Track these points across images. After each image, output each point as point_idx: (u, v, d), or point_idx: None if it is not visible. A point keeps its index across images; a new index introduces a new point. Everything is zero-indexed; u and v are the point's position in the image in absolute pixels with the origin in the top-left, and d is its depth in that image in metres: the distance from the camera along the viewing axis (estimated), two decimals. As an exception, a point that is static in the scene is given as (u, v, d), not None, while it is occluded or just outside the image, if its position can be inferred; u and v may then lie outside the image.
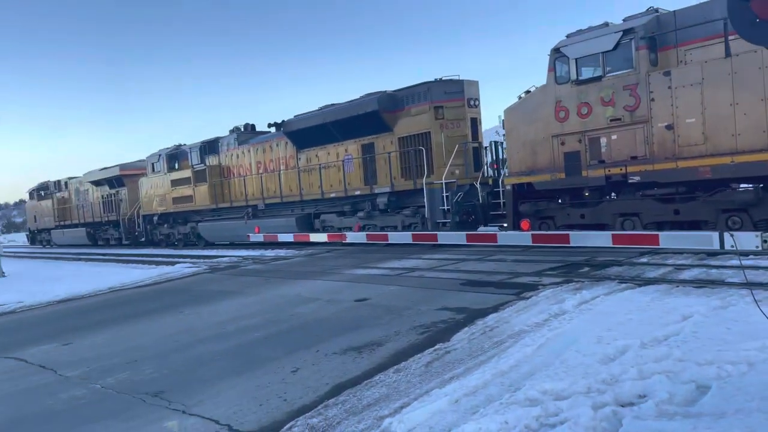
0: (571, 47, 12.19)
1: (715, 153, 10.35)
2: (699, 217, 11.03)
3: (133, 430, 4.63)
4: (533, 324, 6.32)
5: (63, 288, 14.01)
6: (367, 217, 17.71)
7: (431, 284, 9.72)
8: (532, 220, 13.42)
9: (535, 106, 13.06)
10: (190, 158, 25.00)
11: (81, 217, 34.24)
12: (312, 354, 6.22)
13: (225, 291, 11.42)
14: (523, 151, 13.34)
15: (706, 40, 10.68)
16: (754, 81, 9.85)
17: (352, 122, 17.48)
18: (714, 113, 10.33)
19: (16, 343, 8.52)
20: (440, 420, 4.11)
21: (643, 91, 11.23)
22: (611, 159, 11.78)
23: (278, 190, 20.89)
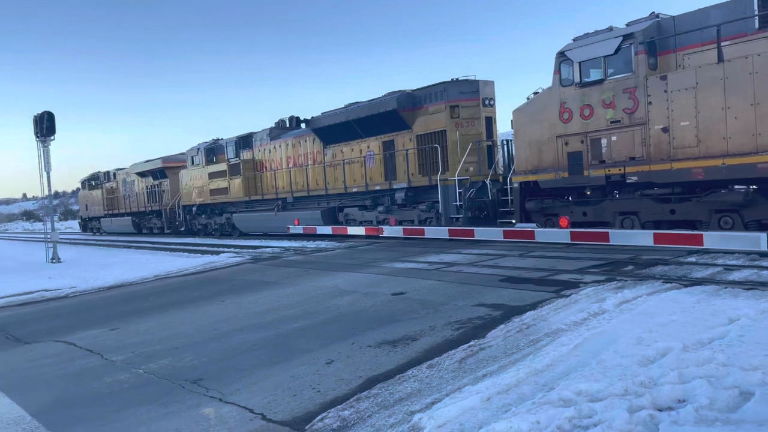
0: (575, 51, 12.59)
1: (707, 155, 10.66)
2: (694, 217, 11.33)
3: (172, 414, 4.77)
4: (571, 323, 6.20)
5: (113, 275, 14.52)
6: (386, 212, 18.46)
7: (469, 280, 9.65)
8: (537, 216, 13.93)
9: (541, 107, 13.51)
10: (226, 152, 26.04)
11: (127, 206, 35.84)
12: (347, 346, 6.27)
13: (266, 281, 11.61)
14: (529, 150, 13.82)
15: (703, 46, 10.97)
16: (744, 86, 10.10)
17: (374, 120, 18.19)
18: (707, 117, 10.62)
19: (67, 327, 8.88)
20: (471, 417, 4.08)
21: (642, 95, 11.61)
22: (611, 159, 12.19)
23: (306, 184, 21.78)
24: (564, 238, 12.13)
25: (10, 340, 8.40)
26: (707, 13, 11.07)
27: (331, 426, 4.26)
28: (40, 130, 20.54)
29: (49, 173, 20.98)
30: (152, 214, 33.60)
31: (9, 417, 5.05)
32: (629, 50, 11.72)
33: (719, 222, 10.92)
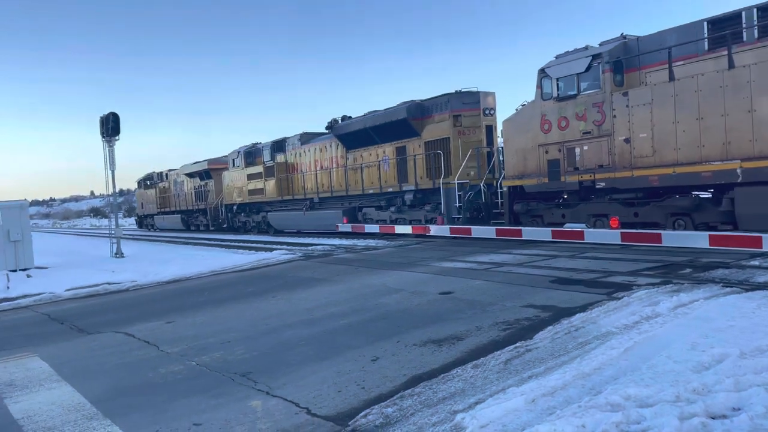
0: (553, 68, 13.97)
1: (661, 164, 11.89)
2: (653, 220, 12.43)
3: (221, 406, 4.92)
4: (622, 326, 6.04)
5: (171, 270, 15.04)
6: (398, 212, 20.10)
7: (518, 280, 9.52)
8: (524, 217, 15.31)
9: (526, 118, 14.91)
10: (263, 155, 28.24)
11: (177, 204, 38.46)
12: (393, 344, 6.31)
13: (316, 278, 11.79)
14: (516, 157, 15.24)
15: (661, 65, 12.01)
16: (691, 103, 11.31)
17: (388, 127, 19.84)
18: (661, 129, 11.86)
19: (127, 319, 9.27)
20: (514, 419, 4.04)
21: (608, 109, 12.93)
22: (584, 167, 13.51)
23: (330, 185, 23.54)
24: (614, 239, 11.83)
25: (73, 330, 8.84)
26: (665, 35, 12.22)
27: (373, 422, 4.30)
28: (105, 130, 21.47)
29: (113, 172, 21.91)
30: (199, 212, 35.80)
31: (70, 404, 5.32)
32: (598, 68, 13.06)
33: (674, 224, 12.03)
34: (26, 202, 19.41)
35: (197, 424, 4.55)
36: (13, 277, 15.97)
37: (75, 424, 4.77)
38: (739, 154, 10.71)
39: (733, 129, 10.81)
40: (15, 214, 18.00)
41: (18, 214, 18.11)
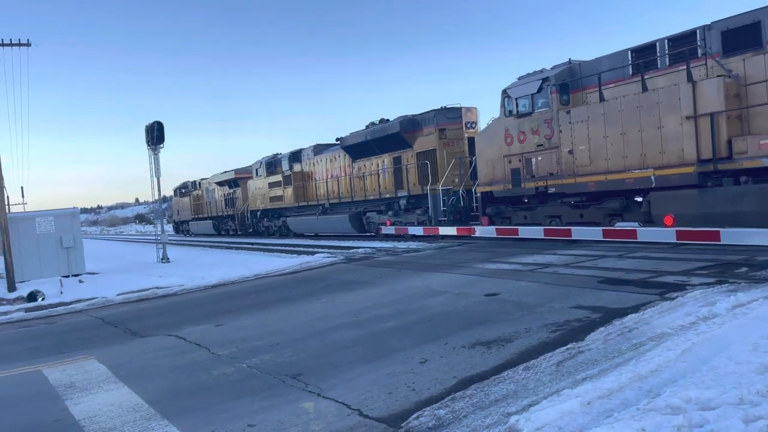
0: (513, 89, 16.17)
1: (596, 172, 13.91)
2: (595, 220, 14.30)
3: (274, 407, 4.98)
4: (678, 327, 5.87)
5: (216, 274, 15.34)
6: (395, 215, 22.23)
7: (566, 281, 9.36)
8: (495, 219, 17.27)
9: (493, 132, 17.07)
10: (282, 165, 30.71)
11: (209, 211, 41.66)
12: (440, 346, 6.28)
13: (359, 281, 11.85)
14: (487, 167, 17.33)
15: (596, 87, 13.97)
16: (616, 120, 13.32)
17: (385, 140, 22.01)
18: (595, 143, 13.91)
19: (177, 322, 9.49)
20: (570, 421, 3.97)
21: (555, 125, 15.01)
22: (538, 175, 15.59)
23: (338, 192, 25.85)
24: (668, 238, 11.51)
25: (127, 333, 9.11)
26: (600, 61, 14.27)
27: (426, 424, 4.29)
28: (150, 138, 22.09)
29: (159, 179, 22.52)
30: (228, 218, 38.55)
31: (128, 404, 5.47)
32: (547, 90, 15.20)
33: (610, 223, 13.79)
34: (77, 210, 20.12)
35: (251, 425, 4.62)
36: (66, 282, 16.55)
37: (134, 425, 4.90)
38: (653, 163, 12.67)
39: (647, 143, 12.75)
40: (67, 221, 18.67)
41: (70, 221, 18.77)
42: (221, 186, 39.07)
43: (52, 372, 6.97)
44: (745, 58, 11.55)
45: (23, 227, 17.94)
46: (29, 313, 12.52)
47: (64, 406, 5.60)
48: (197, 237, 42.37)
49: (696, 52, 12.33)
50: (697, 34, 12.36)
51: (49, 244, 18.18)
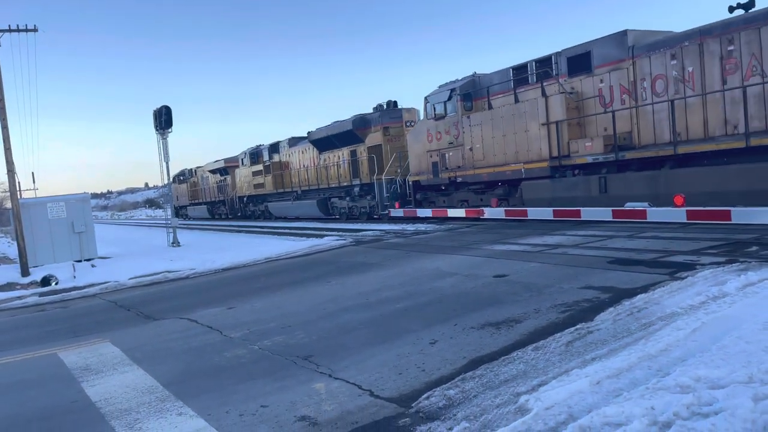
0: (432, 96, 19.67)
1: (488, 165, 17.46)
2: (489, 203, 17.67)
3: (286, 388, 5.05)
4: (687, 306, 5.87)
5: (227, 257, 15.46)
6: (351, 200, 25.84)
7: (575, 262, 9.37)
8: (423, 203, 20.92)
9: (419, 131, 20.72)
10: (263, 155, 34.02)
11: (204, 197, 45.51)
12: (450, 327, 6.33)
13: (368, 263, 11.90)
14: (415, 160, 20.94)
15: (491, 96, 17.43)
16: (499, 124, 16.91)
17: (342, 135, 25.48)
18: (486, 142, 17.36)
19: (189, 305, 9.60)
20: (580, 401, 4.01)
21: (460, 127, 18.44)
22: (450, 167, 19.05)
23: (308, 180, 29.42)
24: (678, 218, 11.45)
25: (140, 317, 9.23)
26: (493, 76, 17.78)
27: (437, 404, 4.34)
28: (159, 123, 22.13)
29: (168, 163, 22.60)
30: (220, 203, 42.41)
31: (143, 386, 5.57)
32: (455, 98, 18.66)
33: (499, 204, 17.36)
34: (88, 195, 20.27)
35: (264, 406, 4.69)
36: (79, 267, 16.75)
37: (149, 406, 5.00)
38: (523, 159, 16.23)
39: (519, 143, 16.34)
40: (78, 206, 18.83)
41: (81, 206, 18.93)
42: (214, 174, 42.71)
43: (68, 355, 7.09)
44: (582, 79, 15.19)
45: (35, 213, 18.12)
46: (43, 297, 12.70)
47: (80, 388, 5.71)
48: (195, 220, 45.47)
49: (551, 73, 15.79)
50: (552, 59, 15.83)
51: (61, 229, 18.37)
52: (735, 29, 12.03)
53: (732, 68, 12.07)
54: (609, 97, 14.52)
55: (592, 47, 14.84)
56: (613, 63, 14.39)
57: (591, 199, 13.98)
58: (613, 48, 14.37)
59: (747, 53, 11.83)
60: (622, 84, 14.22)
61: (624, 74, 14.15)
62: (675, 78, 13.06)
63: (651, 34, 14.15)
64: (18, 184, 19.18)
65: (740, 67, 11.95)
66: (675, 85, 13.11)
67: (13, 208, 17.45)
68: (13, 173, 17.12)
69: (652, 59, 13.55)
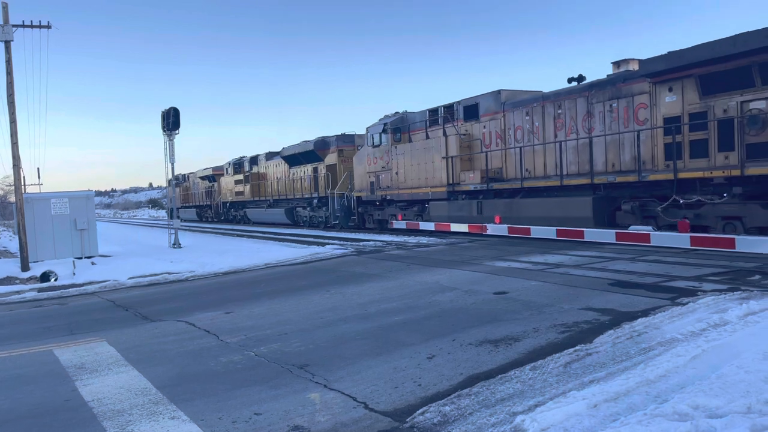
0: (371, 128, 23.35)
1: (408, 187, 21.23)
2: (410, 217, 21.55)
3: (280, 397, 5.02)
4: (688, 333, 5.83)
5: (227, 261, 15.44)
6: (312, 211, 30.02)
7: (576, 282, 9.33)
8: (364, 215, 24.92)
9: (362, 156, 24.42)
10: (245, 166, 38.27)
11: (194, 201, 49.80)
12: (448, 342, 6.29)
13: (368, 274, 11.87)
14: (358, 179, 24.67)
15: (411, 132, 21.83)
16: (415, 155, 20.69)
17: (306, 154, 29.50)
18: (407, 169, 21.15)
19: (187, 308, 9.57)
20: (576, 423, 3.97)
21: (390, 155, 22.23)
22: (383, 186, 22.80)
23: (278, 191, 33.79)
24: (682, 243, 11.42)
25: (138, 317, 9.20)
26: (416, 115, 21.77)
27: (431, 420, 4.30)
28: (166, 124, 22.20)
29: (173, 164, 22.65)
30: (207, 207, 46.87)
31: (137, 388, 5.54)
32: (387, 131, 22.39)
33: (415, 218, 21.23)
34: (92, 192, 20.27)
35: (258, 414, 4.66)
36: (79, 264, 16.73)
37: (142, 408, 4.96)
38: (430, 184, 20.14)
39: (428, 171, 20.18)
40: (82, 204, 18.85)
41: (84, 204, 18.95)
42: (203, 180, 47.03)
43: (63, 352, 7.06)
44: (472, 124, 19.04)
45: (38, 208, 18.14)
46: (42, 293, 12.69)
47: (74, 387, 5.68)
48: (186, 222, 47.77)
49: (451, 118, 19.59)
50: (454, 106, 19.70)
51: (63, 225, 18.37)
52: (562, 98, 16.04)
53: (560, 126, 16.10)
54: (489, 140, 18.49)
55: (479, 100, 18.75)
56: (492, 114, 18.36)
57: (472, 217, 18.15)
58: (492, 102, 18.28)
59: (569, 116, 15.86)
60: (497, 131, 18.18)
61: (498, 123, 18.11)
62: (527, 130, 17.17)
63: (518, 93, 18.05)
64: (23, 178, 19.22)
65: (564, 126, 15.96)
66: (528, 135, 17.12)
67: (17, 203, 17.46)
68: (19, 167, 17.16)
69: (515, 114, 17.51)
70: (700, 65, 12.21)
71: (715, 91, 12.21)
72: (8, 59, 16.46)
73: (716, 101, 12.19)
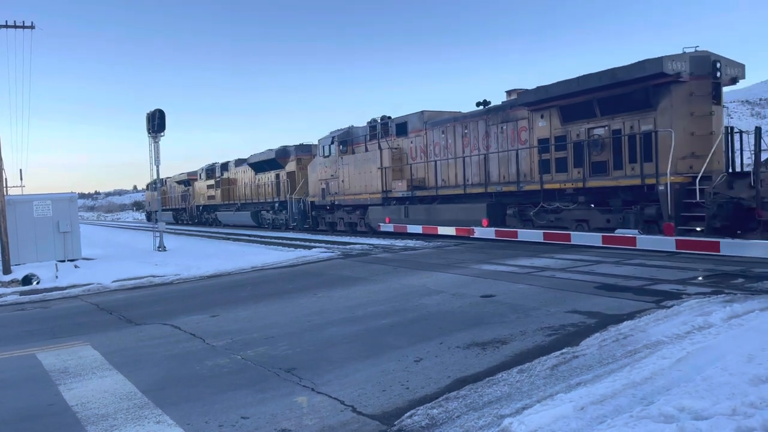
0: (322, 140, 25.94)
1: (352, 194, 23.91)
2: (354, 219, 24.66)
3: (267, 400, 4.99)
4: (673, 335, 5.89)
5: (213, 264, 15.33)
6: (274, 214, 32.51)
7: (562, 285, 9.38)
8: (318, 218, 27.57)
9: (315, 165, 26.95)
10: (216, 172, 40.96)
11: (171, 204, 52.30)
12: (435, 346, 6.29)
13: (355, 277, 11.85)
14: (312, 185, 27.38)
15: (356, 145, 24.40)
16: (357, 165, 23.44)
17: (270, 162, 31.94)
18: (351, 177, 23.81)
19: (173, 311, 9.49)
20: (563, 426, 3.98)
21: (337, 165, 24.77)
22: (331, 193, 25.39)
23: (244, 195, 36.63)
24: (668, 247, 11.54)
25: (122, 320, 9.10)
26: (359, 129, 24.28)
27: (419, 423, 4.30)
28: (152, 126, 22.02)
29: (158, 167, 22.47)
30: (183, 210, 49.84)
31: (122, 392, 5.47)
32: (335, 143, 24.98)
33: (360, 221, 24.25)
34: (75, 194, 20.03)
35: (245, 417, 4.62)
36: (62, 267, 16.51)
37: (127, 412, 4.90)
38: (368, 191, 22.83)
39: (366, 180, 22.87)
40: (65, 206, 18.61)
41: (67, 206, 18.71)
42: (179, 184, 49.70)
43: (46, 356, 6.96)
44: (403, 139, 21.83)
45: (20, 210, 17.88)
46: (24, 296, 12.50)
47: (57, 391, 5.60)
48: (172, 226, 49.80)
49: (386, 133, 22.40)
50: (388, 123, 22.41)
51: (45, 228, 18.12)
52: (468, 120, 18.95)
53: (467, 143, 19.02)
54: (415, 154, 21.35)
55: (408, 119, 21.55)
56: (417, 131, 21.20)
57: (401, 219, 20.90)
58: (417, 121, 21.14)
59: (473, 136, 18.78)
60: (421, 146, 21.06)
61: (422, 139, 20.99)
62: (443, 146, 20.01)
63: (438, 114, 20.93)
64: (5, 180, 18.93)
65: (469, 144, 18.88)
66: (443, 151, 19.97)
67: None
68: (1, 169, 16.91)
69: (435, 132, 20.38)
70: (560, 98, 15.23)
71: (571, 119, 15.37)
72: (-9, 59, 16.23)
73: (572, 127, 15.38)
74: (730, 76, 13.52)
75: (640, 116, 13.78)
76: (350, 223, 25.06)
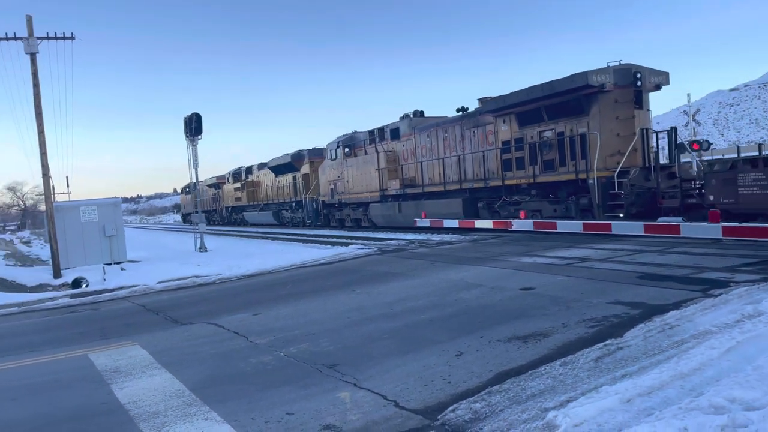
0: (330, 144, 28.78)
1: (356, 192, 26.76)
2: (358, 216, 27.55)
3: (311, 396, 5.06)
4: (721, 324, 5.74)
5: (253, 263, 15.58)
6: (292, 213, 36.41)
7: (603, 276, 9.23)
8: (331, 218, 30.34)
9: (325, 167, 29.86)
10: (242, 175, 44.78)
11: (204, 205, 52.61)
12: (476, 339, 6.28)
13: (393, 273, 11.89)
14: (323, 186, 30.27)
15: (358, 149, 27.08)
16: (359, 167, 26.15)
17: (287, 165, 35.76)
18: (354, 178, 26.72)
19: (216, 311, 9.70)
20: (609, 418, 3.93)
21: (343, 167, 27.54)
22: (339, 192, 28.19)
23: (267, 196, 40.40)
24: (714, 234, 11.22)
25: (168, 321, 9.35)
26: (360, 134, 27.02)
27: (462, 417, 4.30)
28: (189, 130, 22.50)
29: (197, 169, 22.97)
30: (214, 212, 54.27)
31: (171, 390, 5.63)
32: (340, 147, 27.57)
33: (364, 217, 27.08)
34: (119, 199, 20.65)
35: (290, 413, 4.71)
36: (109, 270, 17.05)
37: (177, 410, 5.05)
38: (369, 190, 25.50)
39: (367, 180, 25.47)
40: (110, 210, 19.20)
41: (112, 210, 19.30)
42: (210, 187, 53.46)
43: (98, 357, 7.21)
44: (396, 143, 24.46)
45: (68, 216, 18.52)
46: (75, 299, 12.95)
47: (109, 390, 5.80)
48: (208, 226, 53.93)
49: (383, 138, 25.09)
50: (384, 129, 25.02)
51: (92, 232, 18.74)
52: (448, 124, 21.50)
53: (447, 146, 21.50)
54: (406, 156, 23.95)
55: (399, 125, 24.25)
56: (407, 136, 23.81)
57: (396, 215, 23.89)
58: (407, 127, 23.80)
59: (452, 139, 21.29)
60: (410, 149, 23.68)
61: (412, 143, 23.58)
62: (428, 148, 22.53)
63: (424, 120, 23.61)
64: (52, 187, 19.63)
65: (449, 146, 21.39)
66: (428, 152, 22.52)
67: (47, 211, 17.85)
68: (48, 177, 17.53)
69: (421, 136, 22.96)
70: (517, 106, 17.78)
71: (526, 123, 17.89)
72: (34, 71, 16.83)
73: (527, 131, 17.91)
74: (654, 83, 16.01)
75: (577, 121, 16.25)
76: (356, 219, 27.76)
